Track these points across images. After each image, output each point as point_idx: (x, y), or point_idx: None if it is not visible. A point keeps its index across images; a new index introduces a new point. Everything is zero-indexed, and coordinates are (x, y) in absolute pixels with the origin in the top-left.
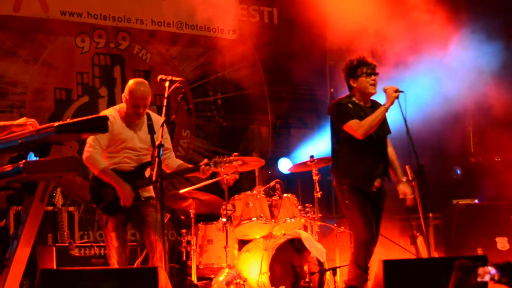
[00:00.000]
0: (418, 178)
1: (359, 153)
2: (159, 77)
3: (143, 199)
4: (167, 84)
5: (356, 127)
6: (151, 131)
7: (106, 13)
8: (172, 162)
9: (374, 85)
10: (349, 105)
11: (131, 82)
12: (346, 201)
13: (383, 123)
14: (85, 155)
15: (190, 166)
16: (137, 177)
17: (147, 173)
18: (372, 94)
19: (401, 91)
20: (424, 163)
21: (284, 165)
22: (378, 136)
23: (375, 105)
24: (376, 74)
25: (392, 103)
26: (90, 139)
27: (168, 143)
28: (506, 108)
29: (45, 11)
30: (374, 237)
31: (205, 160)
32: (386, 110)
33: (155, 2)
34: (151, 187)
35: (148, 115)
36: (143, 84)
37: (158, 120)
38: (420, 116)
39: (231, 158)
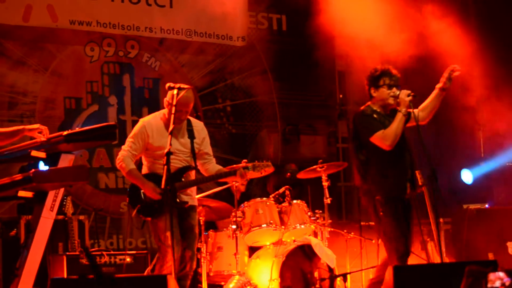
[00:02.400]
0: (431, 183)
1: (389, 162)
2: (167, 84)
3: (179, 201)
4: (175, 92)
5: (383, 139)
6: (191, 136)
7: (115, 22)
8: (212, 167)
9: (394, 97)
10: (374, 115)
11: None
12: (381, 213)
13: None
14: (117, 157)
15: (227, 170)
16: (175, 180)
17: (192, 176)
18: (392, 105)
19: (414, 95)
20: (434, 168)
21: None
22: (404, 142)
23: (395, 112)
24: (398, 86)
25: (406, 107)
26: (126, 144)
27: (208, 149)
28: None
29: (54, 20)
30: (409, 249)
31: (243, 163)
32: (404, 115)
33: (164, 10)
34: (194, 195)
35: (189, 121)
36: (187, 90)
37: (198, 125)
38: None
39: (268, 162)
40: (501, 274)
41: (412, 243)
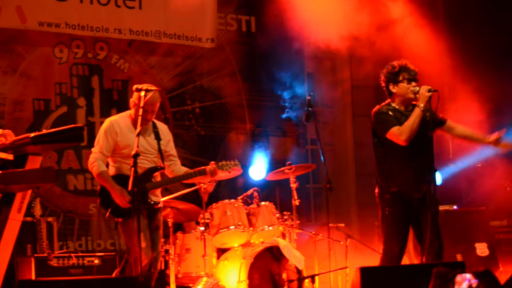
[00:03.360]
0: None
1: (405, 160)
2: (135, 86)
3: (152, 202)
4: (142, 93)
5: (398, 134)
6: (158, 138)
7: (84, 23)
8: (178, 168)
9: (414, 92)
10: (389, 112)
11: (135, 86)
12: (386, 212)
13: (424, 123)
14: (89, 160)
15: (197, 169)
16: (145, 181)
17: (158, 177)
18: (412, 99)
19: (435, 90)
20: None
21: (256, 173)
22: (421, 139)
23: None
24: (416, 80)
25: (426, 102)
26: (96, 145)
27: (173, 151)
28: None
29: (23, 22)
30: (402, 255)
31: (212, 163)
32: (422, 111)
33: (133, 12)
34: (160, 196)
35: (154, 123)
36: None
37: (163, 127)
38: None
39: (235, 162)
40: (468, 275)
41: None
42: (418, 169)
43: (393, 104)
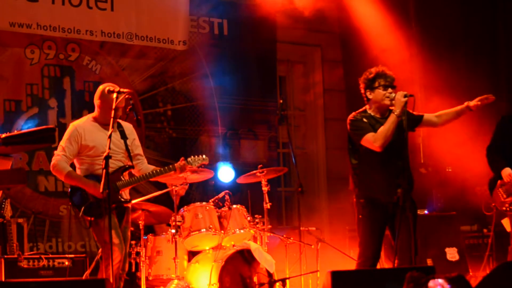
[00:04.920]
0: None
1: (378, 167)
2: (107, 88)
3: (123, 199)
4: (114, 95)
5: (373, 140)
6: (124, 137)
7: (56, 24)
8: (145, 167)
9: (390, 97)
10: (363, 119)
11: (101, 87)
12: (360, 216)
13: (400, 130)
14: (51, 163)
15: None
16: (116, 180)
17: (126, 176)
18: (388, 106)
19: (411, 95)
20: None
21: (227, 175)
22: (396, 145)
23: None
24: (394, 87)
25: (401, 108)
26: (58, 149)
27: (139, 150)
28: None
29: None
30: (376, 258)
31: (181, 159)
32: (398, 117)
33: (105, 13)
34: (128, 194)
35: (118, 123)
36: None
37: (127, 126)
38: None
39: (204, 156)
40: (441, 280)
41: (399, 248)
42: (393, 174)
43: (369, 111)
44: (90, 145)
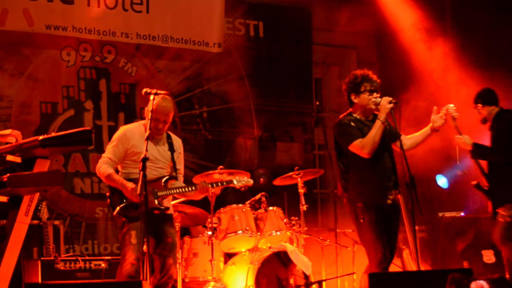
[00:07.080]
0: (409, 190)
1: (370, 169)
2: (144, 90)
3: (163, 207)
4: (151, 97)
5: (361, 147)
6: (172, 149)
7: (91, 27)
8: (178, 184)
9: (375, 102)
10: (351, 123)
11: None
12: (361, 220)
13: (386, 134)
14: (96, 165)
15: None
16: (156, 187)
17: (169, 185)
18: (373, 110)
19: (395, 102)
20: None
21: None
22: (384, 148)
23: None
24: (378, 92)
25: (386, 114)
26: (106, 151)
27: (181, 166)
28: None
29: (30, 25)
30: (389, 257)
31: (218, 169)
32: (383, 122)
33: (140, 16)
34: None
35: (168, 135)
36: (166, 100)
37: (177, 140)
38: None
39: (250, 179)
40: (483, 282)
41: (395, 250)
42: (384, 176)
43: (354, 115)
44: (135, 151)
